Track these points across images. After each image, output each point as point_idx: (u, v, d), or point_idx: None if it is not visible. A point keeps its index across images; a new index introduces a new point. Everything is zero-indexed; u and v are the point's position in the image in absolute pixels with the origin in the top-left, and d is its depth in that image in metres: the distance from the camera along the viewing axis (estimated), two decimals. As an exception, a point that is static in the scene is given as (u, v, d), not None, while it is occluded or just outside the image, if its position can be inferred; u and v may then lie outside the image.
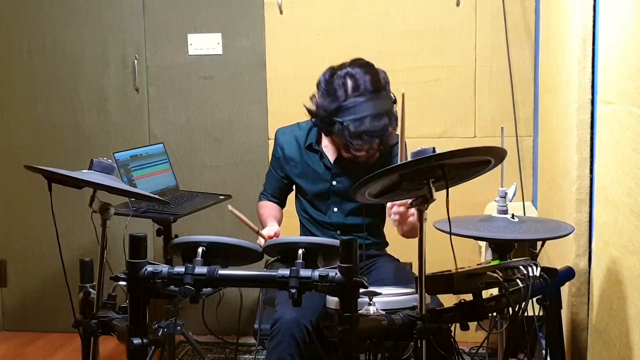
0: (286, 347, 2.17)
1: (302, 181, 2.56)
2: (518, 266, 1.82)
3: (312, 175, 2.54)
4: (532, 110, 3.31)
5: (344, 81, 2.32)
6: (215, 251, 1.80)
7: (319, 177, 2.53)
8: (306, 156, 2.55)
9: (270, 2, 3.47)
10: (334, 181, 2.52)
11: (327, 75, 2.39)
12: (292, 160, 2.57)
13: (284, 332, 2.18)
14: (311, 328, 2.23)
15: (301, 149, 2.55)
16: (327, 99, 2.34)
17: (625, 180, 1.64)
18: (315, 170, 2.53)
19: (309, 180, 2.55)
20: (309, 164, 2.54)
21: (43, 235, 3.73)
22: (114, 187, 1.82)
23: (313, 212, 2.58)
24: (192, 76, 3.60)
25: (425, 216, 1.73)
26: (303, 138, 2.56)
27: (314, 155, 2.54)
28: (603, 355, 1.85)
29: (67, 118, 3.70)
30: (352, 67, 2.35)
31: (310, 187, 2.55)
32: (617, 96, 1.72)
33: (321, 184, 2.53)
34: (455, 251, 1.67)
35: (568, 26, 2.27)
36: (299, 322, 2.18)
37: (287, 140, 2.58)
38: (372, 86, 2.31)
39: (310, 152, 2.54)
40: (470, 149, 1.68)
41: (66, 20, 3.63)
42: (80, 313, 1.87)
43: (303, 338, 2.19)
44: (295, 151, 2.56)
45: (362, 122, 2.27)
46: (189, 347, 3.37)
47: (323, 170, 2.52)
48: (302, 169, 2.55)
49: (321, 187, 2.53)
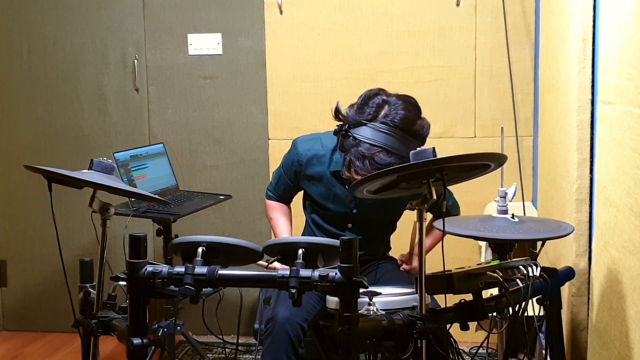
0: (280, 346, 2.18)
1: (322, 200, 2.50)
2: (518, 266, 1.82)
3: (334, 199, 2.48)
4: (532, 110, 3.31)
5: (380, 104, 2.23)
6: (215, 251, 1.80)
7: (341, 201, 2.47)
8: (331, 180, 2.46)
9: (270, 2, 3.47)
10: (354, 210, 2.47)
11: (371, 92, 2.29)
12: (313, 179, 2.49)
13: (278, 331, 2.19)
14: (306, 327, 2.23)
15: (325, 171, 2.46)
16: (357, 112, 2.26)
17: (625, 180, 1.64)
18: (338, 196, 2.46)
19: (329, 201, 2.49)
20: (332, 189, 2.47)
21: (43, 235, 3.73)
22: (114, 187, 1.82)
23: (326, 225, 2.54)
24: (192, 76, 3.60)
25: (425, 216, 1.73)
26: (327, 160, 2.46)
27: (338, 181, 2.45)
28: (603, 355, 1.85)
29: (67, 118, 3.70)
30: (397, 98, 2.24)
31: (330, 207, 2.49)
32: (617, 96, 1.72)
33: (342, 207, 2.47)
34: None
35: (568, 26, 2.27)
36: (293, 320, 2.19)
37: (309, 156, 2.48)
38: (401, 123, 2.19)
39: (335, 177, 2.45)
40: (470, 155, 1.68)
41: (66, 20, 3.64)
42: (80, 313, 1.88)
43: (297, 336, 2.20)
44: (318, 171, 2.47)
45: (372, 148, 2.18)
46: (189, 347, 3.37)
47: (346, 196, 2.46)
48: (325, 192, 2.48)
49: (341, 210, 2.48)
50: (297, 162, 2.49)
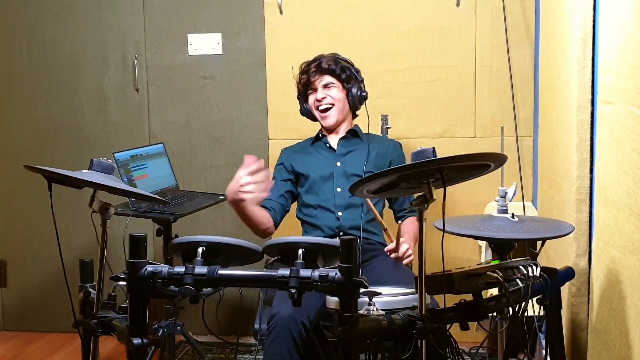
0: (282, 343, 2.19)
1: (308, 168, 2.77)
2: (518, 266, 1.82)
3: (317, 161, 2.78)
4: (532, 110, 3.31)
5: None
6: (215, 251, 1.79)
7: (324, 161, 2.77)
8: (312, 148, 2.84)
9: (270, 2, 3.47)
10: (337, 162, 2.75)
11: None
12: (297, 158, 2.82)
13: (280, 328, 2.20)
14: (309, 325, 2.24)
15: (307, 147, 2.86)
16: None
17: (625, 180, 1.64)
18: (321, 156, 2.80)
19: (314, 166, 2.77)
20: (314, 153, 2.82)
21: (43, 235, 3.74)
22: (114, 187, 1.82)
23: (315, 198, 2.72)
24: (192, 76, 3.60)
25: (425, 216, 1.73)
26: (309, 142, 2.88)
27: (318, 145, 2.84)
28: (603, 355, 1.85)
29: (67, 118, 3.70)
30: None
31: (315, 171, 2.75)
32: (617, 96, 1.72)
33: (326, 167, 2.75)
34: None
35: (568, 26, 2.27)
36: (296, 318, 2.21)
37: (291, 148, 2.90)
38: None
39: (316, 143, 2.84)
40: (470, 155, 1.68)
41: (66, 20, 3.64)
42: (80, 313, 1.87)
43: (300, 334, 2.21)
44: (300, 150, 2.86)
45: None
46: (189, 347, 3.37)
47: (327, 155, 2.79)
48: (308, 159, 2.80)
49: (326, 170, 2.75)
50: (284, 157, 2.84)
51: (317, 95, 2.76)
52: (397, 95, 3.42)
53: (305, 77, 2.78)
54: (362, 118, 2.87)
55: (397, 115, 3.35)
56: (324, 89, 2.75)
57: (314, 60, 2.79)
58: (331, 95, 2.74)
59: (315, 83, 2.75)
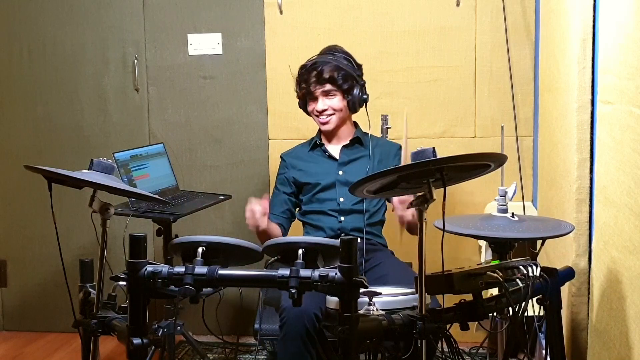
0: (296, 334, 2.23)
1: (309, 178, 2.74)
2: (518, 266, 1.82)
3: (319, 170, 2.75)
4: (532, 110, 3.31)
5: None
6: (215, 251, 1.80)
7: (325, 171, 2.75)
8: (311, 157, 2.80)
9: (270, 2, 3.47)
10: (340, 171, 2.73)
11: None
12: (298, 167, 2.79)
13: (293, 320, 2.24)
14: (320, 315, 2.26)
15: (306, 154, 2.82)
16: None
17: (625, 180, 1.65)
18: (322, 165, 2.76)
19: (315, 175, 2.75)
20: (315, 162, 2.78)
21: (43, 235, 3.73)
22: (114, 187, 1.82)
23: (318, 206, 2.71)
24: (192, 76, 3.60)
25: (425, 216, 1.73)
26: (307, 147, 2.84)
27: (318, 152, 2.80)
28: (603, 355, 1.85)
29: (67, 118, 3.70)
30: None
31: (317, 181, 2.73)
32: (617, 96, 1.72)
33: (328, 177, 2.73)
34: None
35: (568, 26, 2.27)
36: (308, 309, 2.23)
37: (291, 154, 2.86)
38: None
39: (314, 150, 2.80)
40: (470, 155, 1.68)
41: (66, 20, 3.63)
42: (80, 313, 1.87)
43: (313, 324, 2.23)
44: (300, 157, 2.82)
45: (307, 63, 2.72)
46: (189, 347, 3.37)
47: (329, 163, 2.76)
48: (309, 168, 2.77)
49: (328, 179, 2.72)
50: (284, 166, 2.82)
51: (317, 107, 2.70)
52: (397, 95, 3.42)
53: (305, 87, 2.71)
54: (362, 117, 2.87)
55: (397, 115, 3.35)
56: (324, 97, 2.69)
57: (314, 67, 2.70)
58: (332, 106, 2.69)
59: (316, 93, 2.70)
